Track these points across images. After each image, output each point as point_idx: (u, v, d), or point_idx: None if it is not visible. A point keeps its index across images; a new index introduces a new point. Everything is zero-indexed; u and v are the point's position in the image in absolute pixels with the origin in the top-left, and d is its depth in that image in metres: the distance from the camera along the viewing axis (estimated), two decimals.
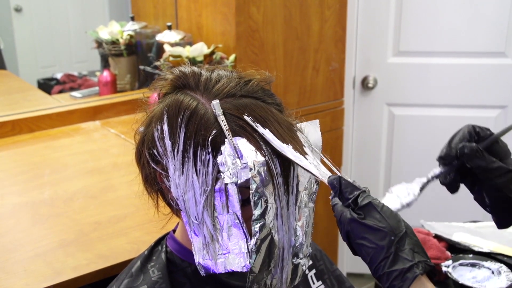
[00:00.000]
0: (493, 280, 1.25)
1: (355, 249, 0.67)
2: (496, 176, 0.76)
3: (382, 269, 0.64)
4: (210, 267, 0.74)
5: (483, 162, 0.76)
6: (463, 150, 0.76)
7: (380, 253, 0.64)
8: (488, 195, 0.79)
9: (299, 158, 0.73)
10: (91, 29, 2.34)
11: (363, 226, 0.65)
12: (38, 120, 1.98)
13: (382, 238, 0.64)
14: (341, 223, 0.68)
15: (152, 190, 0.83)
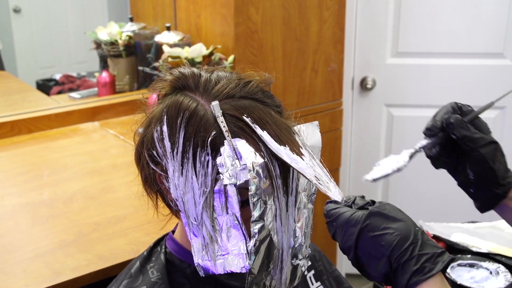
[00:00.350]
0: (491, 280, 1.25)
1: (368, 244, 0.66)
2: (480, 146, 0.80)
3: (411, 253, 0.64)
4: (209, 268, 0.74)
5: (468, 132, 0.80)
6: (449, 120, 0.81)
7: (407, 239, 0.65)
8: (472, 169, 0.82)
9: (296, 160, 0.73)
10: (90, 30, 2.34)
11: (384, 217, 0.66)
12: (37, 121, 1.98)
13: (407, 227, 0.66)
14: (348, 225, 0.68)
15: (152, 191, 0.83)
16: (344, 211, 0.69)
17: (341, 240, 0.69)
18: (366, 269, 0.68)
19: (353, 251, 0.68)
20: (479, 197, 0.85)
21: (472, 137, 0.80)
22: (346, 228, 0.68)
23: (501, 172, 0.82)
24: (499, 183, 0.82)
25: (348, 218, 0.68)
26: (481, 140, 0.80)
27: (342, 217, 0.69)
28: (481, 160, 0.80)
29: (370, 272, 0.67)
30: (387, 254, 0.65)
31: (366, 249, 0.67)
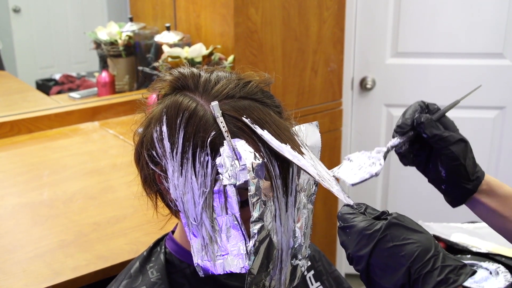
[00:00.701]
0: (491, 280, 1.26)
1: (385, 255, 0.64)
2: (451, 144, 0.83)
3: (433, 264, 0.63)
4: (208, 268, 0.74)
5: (438, 130, 0.83)
6: (420, 119, 0.83)
7: (428, 250, 0.63)
8: (444, 167, 0.85)
9: (297, 157, 0.73)
10: (90, 30, 2.34)
11: (404, 228, 0.65)
12: (36, 121, 1.98)
13: (427, 239, 0.65)
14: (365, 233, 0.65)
15: (151, 191, 0.83)
16: (361, 219, 0.67)
17: (354, 247, 0.66)
18: (378, 280, 0.66)
19: (366, 261, 0.65)
20: (450, 192, 0.87)
21: (442, 136, 0.83)
22: (362, 236, 0.65)
23: (471, 168, 0.85)
24: (469, 179, 0.85)
25: (366, 227, 0.66)
26: (451, 138, 0.83)
27: (359, 225, 0.66)
28: (452, 158, 0.83)
29: (383, 283, 0.65)
30: (407, 264, 0.63)
31: (383, 260, 0.64)
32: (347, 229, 0.67)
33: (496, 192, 0.86)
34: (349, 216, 0.68)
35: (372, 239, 0.65)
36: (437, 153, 0.85)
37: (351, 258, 0.67)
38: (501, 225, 0.88)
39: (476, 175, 0.86)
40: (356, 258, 0.66)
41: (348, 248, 0.67)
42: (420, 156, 0.88)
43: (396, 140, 0.85)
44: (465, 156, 0.84)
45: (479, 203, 0.87)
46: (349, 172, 0.80)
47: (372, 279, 0.66)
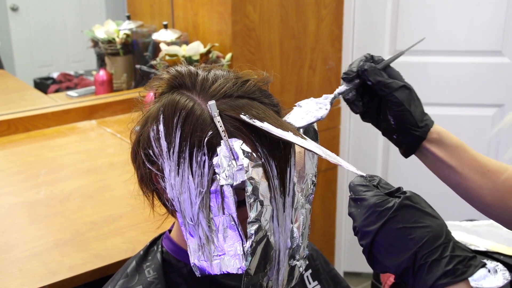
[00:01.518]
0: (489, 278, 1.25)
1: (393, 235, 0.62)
2: (394, 89, 0.86)
3: (442, 253, 0.61)
4: (205, 268, 0.73)
5: (382, 77, 0.87)
6: (364, 67, 0.87)
7: (439, 237, 0.62)
8: (391, 114, 0.88)
9: (301, 140, 0.72)
10: (88, 29, 2.33)
11: (417, 210, 0.63)
12: (34, 119, 1.98)
13: (439, 225, 0.63)
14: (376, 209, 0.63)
15: (148, 190, 0.83)
16: (373, 193, 0.65)
17: (362, 221, 0.64)
18: (380, 258, 0.64)
19: (372, 237, 0.63)
20: (401, 142, 0.90)
21: (385, 82, 0.87)
22: (372, 212, 0.63)
23: (418, 115, 0.88)
24: (418, 125, 0.88)
25: (378, 203, 0.63)
26: (395, 85, 0.87)
27: (370, 200, 0.64)
28: (397, 103, 0.87)
29: (386, 263, 0.63)
30: (414, 248, 0.61)
31: (389, 239, 0.62)
32: (358, 201, 0.65)
33: (445, 141, 0.89)
34: (361, 188, 0.66)
35: (382, 217, 0.63)
36: (385, 102, 0.88)
37: (357, 231, 0.65)
38: (447, 175, 0.89)
39: (425, 122, 0.88)
40: (362, 233, 0.64)
41: (356, 220, 0.65)
42: (371, 109, 0.92)
43: (343, 87, 0.89)
44: (409, 102, 0.87)
45: (428, 152, 0.89)
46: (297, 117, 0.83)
47: (375, 257, 0.65)
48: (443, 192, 2.48)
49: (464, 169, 0.88)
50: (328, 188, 2.35)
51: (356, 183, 0.67)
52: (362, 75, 0.88)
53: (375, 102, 0.91)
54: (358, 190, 0.66)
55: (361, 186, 0.66)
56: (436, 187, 2.55)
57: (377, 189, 0.66)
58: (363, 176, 0.68)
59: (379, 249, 0.64)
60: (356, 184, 0.67)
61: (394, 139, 0.91)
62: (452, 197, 2.67)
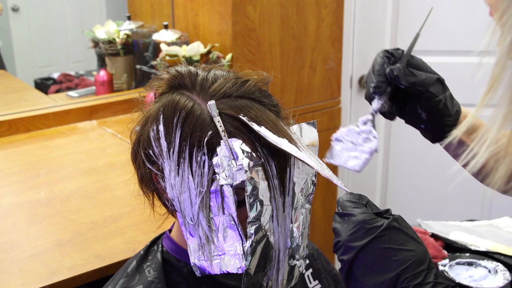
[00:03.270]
0: (489, 279, 1.25)
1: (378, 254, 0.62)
2: (430, 85, 0.82)
3: (425, 278, 0.60)
4: (205, 268, 0.74)
5: (415, 77, 0.82)
6: (393, 73, 0.81)
7: (422, 262, 0.61)
8: (423, 108, 0.84)
9: (295, 149, 0.72)
10: (88, 29, 2.33)
11: (403, 233, 0.63)
12: (34, 119, 1.98)
13: (423, 251, 0.62)
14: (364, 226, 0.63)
15: (148, 190, 0.83)
16: (362, 211, 0.64)
17: (348, 236, 0.63)
18: (359, 276, 0.63)
19: (355, 253, 0.63)
20: (430, 130, 0.87)
21: (420, 80, 0.82)
22: (360, 228, 0.63)
23: (449, 103, 0.85)
24: (450, 114, 0.85)
25: (367, 220, 0.63)
26: (429, 80, 0.83)
27: (359, 216, 0.64)
28: (431, 98, 0.83)
29: (365, 281, 0.63)
30: (397, 270, 0.61)
31: (373, 258, 0.62)
32: (345, 216, 0.65)
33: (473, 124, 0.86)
34: (350, 204, 0.66)
35: (369, 234, 0.62)
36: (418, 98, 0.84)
37: (340, 246, 0.65)
38: None
39: (455, 109, 0.86)
40: (346, 248, 0.64)
41: (341, 235, 0.64)
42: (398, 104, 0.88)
43: (378, 102, 0.83)
44: (444, 93, 0.84)
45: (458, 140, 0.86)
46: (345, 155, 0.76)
47: (353, 274, 0.64)
48: (444, 193, 2.49)
49: None
50: (329, 188, 2.35)
51: (345, 199, 0.67)
52: (393, 81, 0.82)
53: (400, 97, 0.87)
54: (346, 206, 0.66)
55: (350, 202, 0.66)
56: (436, 189, 2.55)
57: (365, 208, 0.66)
58: (352, 193, 0.68)
59: (359, 266, 0.63)
60: (346, 200, 0.67)
61: (422, 128, 0.87)
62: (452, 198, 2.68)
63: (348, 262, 0.64)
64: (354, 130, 0.78)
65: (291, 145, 0.73)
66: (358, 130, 0.79)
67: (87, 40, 2.34)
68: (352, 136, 0.78)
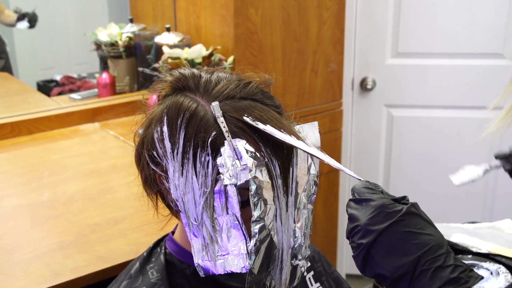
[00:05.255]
0: (491, 281, 1.25)
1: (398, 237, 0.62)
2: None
3: (445, 261, 0.61)
4: (209, 268, 0.74)
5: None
6: None
7: (441, 246, 0.62)
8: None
9: (304, 145, 0.73)
10: (90, 31, 2.34)
11: (422, 219, 0.64)
12: (37, 122, 1.98)
13: (441, 236, 0.64)
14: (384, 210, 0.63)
15: (152, 191, 0.83)
16: (381, 196, 0.65)
17: (367, 220, 0.64)
18: (378, 259, 0.63)
19: (375, 237, 0.63)
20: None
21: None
22: (380, 212, 0.64)
23: None
24: None
25: (387, 204, 0.64)
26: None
27: (379, 201, 0.64)
28: None
29: (383, 264, 0.63)
30: (418, 253, 0.62)
31: (393, 241, 0.63)
32: (363, 202, 0.65)
33: None
34: (368, 190, 0.66)
35: (389, 218, 0.63)
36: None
37: (358, 230, 0.65)
38: None
39: None
40: (365, 231, 0.64)
41: (359, 219, 0.65)
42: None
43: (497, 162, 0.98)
44: None
45: None
46: None
47: (372, 258, 0.64)
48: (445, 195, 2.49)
49: None
50: (331, 190, 2.35)
51: (362, 185, 0.68)
52: None
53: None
54: (363, 192, 0.67)
55: (367, 188, 0.67)
56: (437, 190, 2.56)
57: (382, 194, 0.66)
58: (368, 181, 0.68)
59: (378, 250, 0.63)
60: (362, 187, 0.67)
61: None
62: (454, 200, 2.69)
63: (367, 245, 0.64)
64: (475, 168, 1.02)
65: (299, 141, 0.74)
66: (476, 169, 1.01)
67: (90, 42, 2.34)
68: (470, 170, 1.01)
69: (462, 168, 0.91)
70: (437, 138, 2.48)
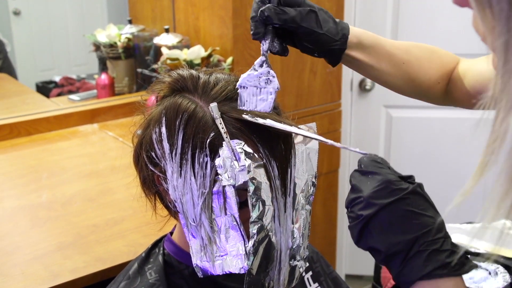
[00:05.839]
0: (490, 281, 1.26)
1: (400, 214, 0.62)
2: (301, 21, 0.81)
3: (442, 245, 0.61)
4: (207, 269, 0.74)
5: (285, 15, 0.80)
6: (264, 14, 0.79)
7: (441, 230, 0.62)
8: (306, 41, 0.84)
9: (307, 133, 0.74)
10: (89, 33, 2.34)
11: (425, 201, 0.64)
12: (36, 123, 1.98)
13: (442, 221, 0.63)
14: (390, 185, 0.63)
15: (150, 192, 0.83)
16: (390, 171, 0.65)
17: (371, 192, 0.63)
18: (375, 233, 0.63)
19: (377, 209, 0.62)
20: (324, 56, 0.88)
21: (290, 18, 0.80)
22: (385, 186, 0.63)
23: (332, 30, 0.84)
24: (335, 40, 0.85)
25: (394, 181, 0.63)
26: (300, 16, 0.81)
27: (387, 176, 0.64)
28: (308, 33, 0.82)
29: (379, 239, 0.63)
30: (416, 233, 0.61)
31: (394, 218, 0.62)
32: (369, 174, 0.65)
33: (365, 43, 0.88)
34: (375, 164, 0.66)
35: (394, 195, 0.62)
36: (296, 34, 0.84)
37: (360, 201, 0.64)
38: (368, 72, 0.92)
39: (341, 33, 0.86)
40: (367, 203, 0.63)
41: (362, 191, 0.64)
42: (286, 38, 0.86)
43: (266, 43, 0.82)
44: (319, 24, 0.83)
45: (350, 57, 0.88)
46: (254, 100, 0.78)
47: (369, 231, 0.64)
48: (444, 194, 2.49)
49: (382, 65, 0.91)
50: (329, 191, 2.35)
51: (370, 159, 0.67)
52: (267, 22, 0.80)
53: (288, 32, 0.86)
54: (371, 165, 0.66)
55: (375, 162, 0.66)
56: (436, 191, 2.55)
57: (390, 170, 0.66)
58: (376, 155, 0.68)
59: (377, 224, 0.63)
60: (370, 160, 0.66)
61: (316, 55, 0.88)
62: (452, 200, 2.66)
63: (366, 217, 0.63)
64: (253, 74, 0.79)
65: (300, 129, 0.74)
66: (256, 74, 0.79)
67: (89, 43, 2.34)
68: (254, 81, 0.79)
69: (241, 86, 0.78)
70: (436, 138, 2.49)
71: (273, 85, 0.79)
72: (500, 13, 0.48)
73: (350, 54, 0.88)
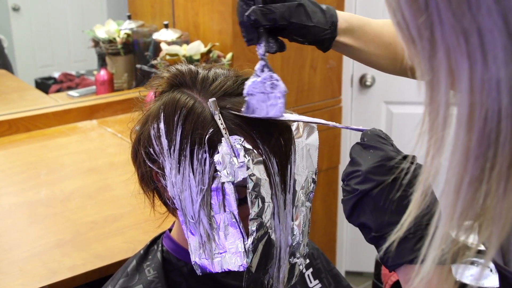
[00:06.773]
0: (491, 278, 1.25)
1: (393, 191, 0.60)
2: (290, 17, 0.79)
3: None
4: (206, 266, 0.73)
5: (272, 14, 0.78)
6: (251, 18, 0.78)
7: None
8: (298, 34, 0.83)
9: (308, 118, 0.73)
10: (89, 28, 2.33)
11: None
12: (35, 119, 1.97)
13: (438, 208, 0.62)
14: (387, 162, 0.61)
15: (148, 189, 0.82)
16: (393, 149, 0.62)
17: (370, 167, 0.61)
18: (367, 211, 0.61)
19: (373, 186, 0.60)
20: (314, 44, 0.87)
21: (279, 16, 0.79)
22: (386, 164, 0.60)
23: (321, 20, 0.84)
24: (325, 29, 0.84)
25: (396, 160, 0.60)
26: (289, 12, 0.79)
27: (389, 152, 0.61)
28: (300, 26, 0.81)
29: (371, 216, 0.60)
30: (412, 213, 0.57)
31: (389, 197, 0.60)
32: (371, 149, 0.63)
33: (353, 26, 0.88)
34: (379, 139, 0.63)
35: (393, 174, 0.60)
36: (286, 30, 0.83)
37: (358, 175, 0.62)
38: (357, 55, 0.92)
39: (330, 21, 0.85)
40: (365, 178, 0.61)
41: (362, 165, 0.62)
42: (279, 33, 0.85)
43: (261, 47, 0.81)
44: (310, 16, 0.82)
45: (340, 43, 0.88)
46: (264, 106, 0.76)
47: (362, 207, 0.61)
48: None
49: (370, 47, 0.91)
50: (330, 187, 2.34)
51: (374, 133, 0.64)
52: (256, 25, 0.78)
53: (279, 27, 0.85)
54: (374, 139, 0.63)
55: (379, 137, 0.64)
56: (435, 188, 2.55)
57: (392, 147, 0.64)
58: (381, 131, 0.65)
59: (371, 201, 0.61)
60: (374, 134, 0.64)
61: (306, 44, 0.87)
62: None
63: (362, 192, 0.61)
64: (257, 81, 0.77)
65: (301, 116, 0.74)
66: (260, 80, 0.77)
67: (88, 39, 2.33)
68: (260, 87, 0.76)
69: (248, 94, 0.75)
70: None
71: (279, 89, 0.77)
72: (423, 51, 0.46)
73: (339, 40, 0.88)
